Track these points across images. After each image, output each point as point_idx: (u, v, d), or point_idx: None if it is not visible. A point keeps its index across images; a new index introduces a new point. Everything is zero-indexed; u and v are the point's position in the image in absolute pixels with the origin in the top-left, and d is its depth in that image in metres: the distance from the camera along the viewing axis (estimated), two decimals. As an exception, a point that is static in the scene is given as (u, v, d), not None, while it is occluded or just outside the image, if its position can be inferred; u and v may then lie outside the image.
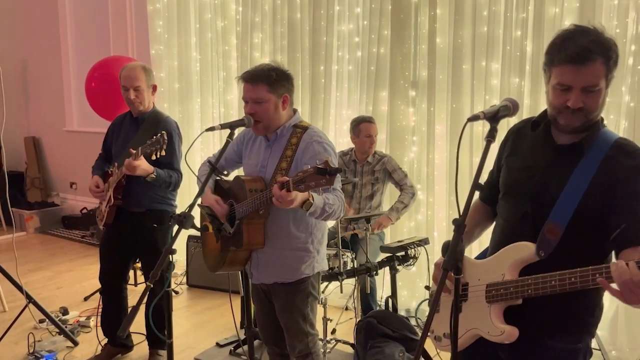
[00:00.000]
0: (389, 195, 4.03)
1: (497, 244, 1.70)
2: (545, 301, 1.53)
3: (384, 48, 4.11)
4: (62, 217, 6.77)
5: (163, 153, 2.74)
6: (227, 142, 2.22)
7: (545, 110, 1.65)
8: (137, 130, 3.17)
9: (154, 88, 3.21)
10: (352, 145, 3.94)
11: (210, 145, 5.21)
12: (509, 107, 1.54)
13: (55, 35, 6.74)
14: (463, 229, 1.40)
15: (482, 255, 1.81)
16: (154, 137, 2.76)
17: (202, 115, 5.30)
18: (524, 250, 1.59)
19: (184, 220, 2.03)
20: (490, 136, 1.49)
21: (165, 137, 2.73)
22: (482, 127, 3.76)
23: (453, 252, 1.38)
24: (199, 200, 2.23)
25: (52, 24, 6.74)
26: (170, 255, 2.01)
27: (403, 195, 3.80)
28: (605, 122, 1.65)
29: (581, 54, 1.48)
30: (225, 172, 2.59)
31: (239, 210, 2.29)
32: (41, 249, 5.97)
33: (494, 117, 1.51)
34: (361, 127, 3.81)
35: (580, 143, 1.58)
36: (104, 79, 5.00)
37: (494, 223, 1.82)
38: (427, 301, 1.93)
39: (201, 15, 5.17)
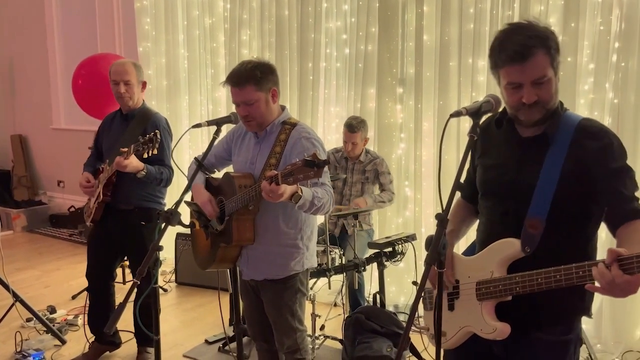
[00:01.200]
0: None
1: (483, 241, 1.72)
2: (535, 293, 1.54)
3: (372, 45, 4.13)
4: (50, 215, 6.73)
5: (155, 152, 2.74)
6: (214, 139, 2.23)
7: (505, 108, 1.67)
8: (127, 126, 3.17)
9: (144, 85, 3.22)
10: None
11: (199, 143, 5.20)
12: (491, 103, 1.56)
13: (42, 32, 6.69)
14: (446, 223, 1.42)
15: (470, 251, 1.82)
16: (147, 135, 2.75)
17: (190, 113, 5.29)
18: (510, 247, 1.61)
19: (171, 217, 2.04)
20: (473, 132, 1.51)
21: (159, 137, 2.73)
22: (469, 123, 3.76)
23: (435, 246, 1.40)
24: (187, 197, 2.23)
25: (39, 21, 6.69)
26: (157, 252, 2.01)
27: (385, 193, 3.84)
28: (564, 105, 1.66)
29: (520, 51, 1.51)
30: (215, 170, 2.59)
31: (229, 205, 2.29)
32: (28, 247, 5.93)
33: (476, 113, 1.53)
34: (343, 130, 3.83)
35: (545, 133, 1.60)
36: (91, 77, 4.96)
37: (479, 220, 1.83)
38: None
39: (189, 13, 5.16)
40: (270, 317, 2.46)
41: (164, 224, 2.04)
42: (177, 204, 2.05)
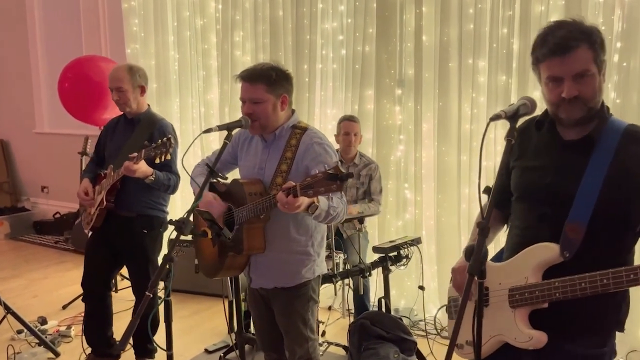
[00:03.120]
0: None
1: (515, 246, 1.67)
2: (570, 302, 1.50)
3: (369, 46, 4.07)
4: (34, 222, 6.54)
5: (168, 157, 2.66)
6: (225, 144, 2.15)
7: (547, 109, 1.63)
8: (132, 131, 3.09)
9: (142, 89, 3.12)
10: (336, 146, 3.89)
11: (196, 145, 5.08)
12: (528, 106, 1.52)
13: (24, 33, 6.51)
14: (487, 232, 1.37)
15: (497, 258, 1.77)
16: (160, 140, 2.67)
17: (181, 116, 5.18)
18: (548, 251, 1.55)
19: (183, 226, 1.96)
20: (510, 135, 1.46)
21: (172, 141, 2.65)
22: (470, 125, 3.76)
23: (478, 255, 1.35)
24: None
25: (21, 22, 6.51)
26: (169, 263, 1.93)
27: (373, 204, 3.76)
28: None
29: (562, 43, 1.49)
30: (221, 175, 2.51)
31: (239, 214, 2.21)
32: (13, 255, 5.75)
33: (513, 116, 1.49)
34: (342, 125, 3.80)
35: (589, 136, 1.56)
36: (78, 80, 4.85)
37: (510, 224, 1.78)
38: (445, 308, 1.89)
39: (179, 13, 5.05)
40: (281, 326, 2.39)
41: (174, 233, 1.96)
42: (189, 212, 1.97)
